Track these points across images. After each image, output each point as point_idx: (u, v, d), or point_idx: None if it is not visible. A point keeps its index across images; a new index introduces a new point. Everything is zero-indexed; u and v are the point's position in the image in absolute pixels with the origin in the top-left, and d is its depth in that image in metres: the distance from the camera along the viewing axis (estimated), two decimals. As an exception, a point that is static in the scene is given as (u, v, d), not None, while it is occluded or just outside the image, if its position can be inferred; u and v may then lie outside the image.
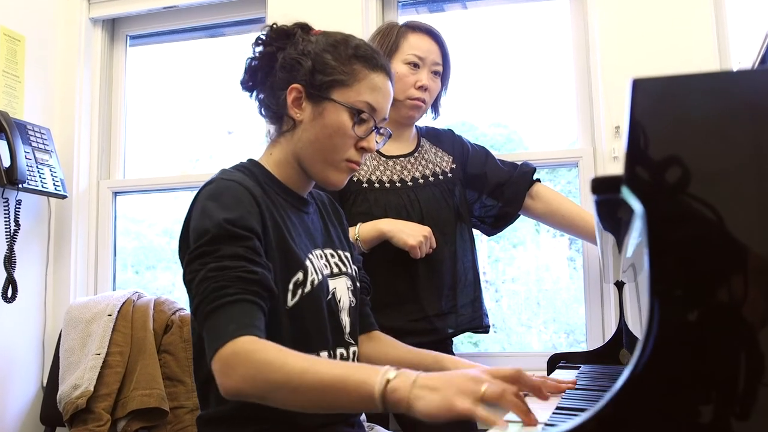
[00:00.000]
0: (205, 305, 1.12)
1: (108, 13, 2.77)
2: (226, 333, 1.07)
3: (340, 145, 1.33)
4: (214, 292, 1.12)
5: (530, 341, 2.65)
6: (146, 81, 2.95)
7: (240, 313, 1.10)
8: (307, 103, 1.33)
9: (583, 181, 2.26)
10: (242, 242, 1.17)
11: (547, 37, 2.58)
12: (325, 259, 1.39)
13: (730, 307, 0.68)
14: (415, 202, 1.90)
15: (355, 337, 1.42)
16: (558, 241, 2.68)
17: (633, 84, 0.71)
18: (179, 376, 2.21)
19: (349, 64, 1.33)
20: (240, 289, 1.12)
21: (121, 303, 2.29)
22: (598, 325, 2.22)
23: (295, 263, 1.28)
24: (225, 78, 2.89)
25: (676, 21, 2.14)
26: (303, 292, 1.28)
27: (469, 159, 2.07)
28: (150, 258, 3.06)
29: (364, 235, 1.79)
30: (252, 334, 1.08)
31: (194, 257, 1.17)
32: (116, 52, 2.87)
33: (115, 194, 2.77)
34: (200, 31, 2.92)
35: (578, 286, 2.58)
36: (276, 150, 1.39)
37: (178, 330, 2.26)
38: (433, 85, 1.96)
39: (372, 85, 1.34)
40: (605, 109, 2.18)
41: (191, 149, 2.99)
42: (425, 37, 1.96)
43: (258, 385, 1.05)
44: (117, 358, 2.19)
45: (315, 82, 1.32)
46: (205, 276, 1.13)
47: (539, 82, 2.60)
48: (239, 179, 1.27)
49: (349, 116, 1.32)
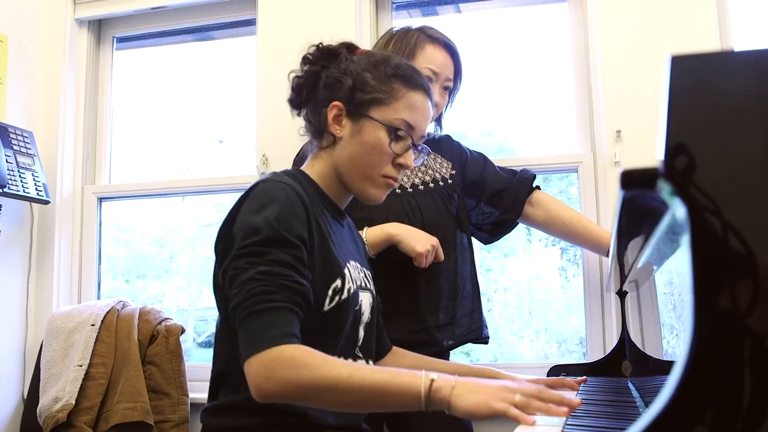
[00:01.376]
0: (249, 305, 1.14)
1: (94, 14, 2.71)
2: (268, 337, 1.11)
3: (378, 161, 1.37)
4: (262, 294, 1.14)
5: (522, 351, 2.62)
6: (134, 85, 2.90)
7: (283, 320, 1.14)
8: (347, 120, 1.38)
9: (582, 187, 2.22)
10: (292, 250, 1.20)
11: (543, 41, 2.54)
12: (358, 271, 1.42)
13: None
14: (416, 208, 1.86)
15: (366, 352, 1.44)
16: (550, 251, 2.65)
17: (671, 61, 0.63)
18: (164, 389, 2.14)
19: (388, 83, 1.38)
20: (286, 297, 1.15)
21: (104, 312, 2.22)
22: (599, 335, 2.16)
23: (336, 269, 1.31)
24: (215, 84, 2.83)
25: (679, 23, 2.12)
26: (340, 299, 1.30)
27: (467, 165, 2.02)
28: (140, 267, 3.01)
29: (371, 238, 1.75)
30: (292, 342, 1.12)
31: (243, 254, 1.19)
32: (102, 54, 2.81)
33: (100, 200, 2.70)
34: (189, 34, 2.87)
35: (570, 296, 2.58)
36: (318, 163, 1.43)
37: (163, 341, 2.20)
38: (442, 101, 1.92)
39: (410, 103, 1.38)
40: (606, 113, 2.14)
41: (181, 157, 2.93)
42: (442, 50, 1.91)
43: (302, 388, 1.09)
44: (100, 369, 2.13)
45: (355, 100, 1.37)
46: (254, 276, 1.16)
47: (534, 88, 2.56)
48: (291, 183, 1.29)
49: (386, 134, 1.36)
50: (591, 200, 2.20)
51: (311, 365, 1.10)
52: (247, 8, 2.58)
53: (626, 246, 1.21)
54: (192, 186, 2.65)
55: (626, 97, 2.11)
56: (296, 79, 1.45)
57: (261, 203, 1.23)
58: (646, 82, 2.09)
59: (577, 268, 2.60)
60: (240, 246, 1.20)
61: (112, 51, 2.82)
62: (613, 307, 2.10)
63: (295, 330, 1.15)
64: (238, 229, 1.23)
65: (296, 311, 1.16)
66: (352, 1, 2.40)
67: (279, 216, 1.21)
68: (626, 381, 1.81)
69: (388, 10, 2.53)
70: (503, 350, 2.59)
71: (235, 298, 1.17)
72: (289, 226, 1.21)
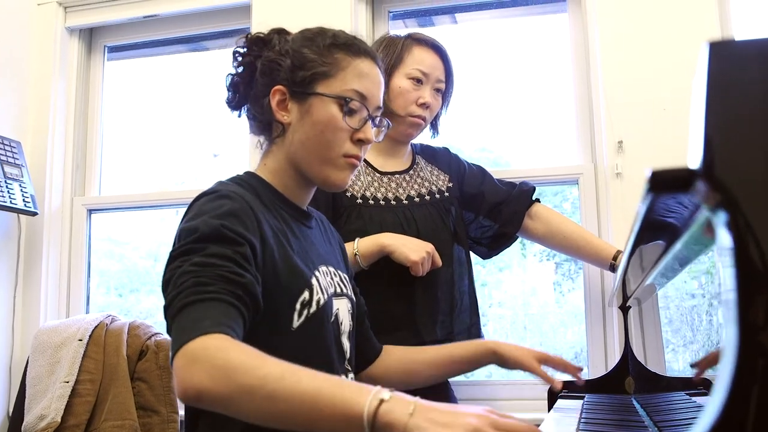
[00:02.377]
0: (179, 299, 0.99)
1: (85, 22, 2.67)
2: (197, 328, 0.94)
3: (334, 139, 1.24)
4: (193, 287, 1.00)
5: None
6: (127, 96, 2.85)
7: (217, 311, 0.98)
8: (292, 103, 1.26)
9: (583, 200, 2.18)
10: (233, 246, 1.06)
11: (539, 51, 2.51)
12: (330, 277, 1.30)
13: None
14: (411, 220, 1.81)
15: (353, 364, 1.34)
16: (544, 266, 2.63)
17: (709, 48, 0.56)
18: (154, 406, 2.08)
19: (329, 54, 1.26)
20: (222, 289, 1.00)
21: (93, 327, 2.16)
22: (600, 350, 2.11)
23: (301, 281, 1.19)
24: (209, 96, 2.77)
25: (682, 32, 2.08)
26: (309, 313, 1.19)
27: (465, 178, 1.98)
28: (134, 281, 2.97)
29: (363, 249, 1.69)
30: (227, 333, 0.95)
31: (177, 255, 1.06)
32: (93, 63, 2.76)
33: (89, 212, 2.65)
34: (182, 44, 2.82)
35: (565, 311, 2.56)
36: (270, 159, 1.31)
37: (153, 356, 2.14)
38: (435, 102, 1.87)
39: (357, 71, 1.27)
40: (607, 124, 2.10)
41: (175, 171, 2.87)
42: (430, 51, 1.87)
43: (224, 386, 0.89)
44: (87, 386, 2.07)
45: (297, 80, 1.25)
46: (186, 270, 1.02)
47: (531, 99, 2.53)
48: (239, 192, 1.16)
49: (337, 107, 1.24)
50: (592, 213, 2.16)
51: (239, 359, 0.90)
52: (241, 17, 2.54)
53: (641, 259, 1.16)
54: (183, 198, 2.59)
55: (628, 106, 2.08)
56: (230, 77, 1.32)
57: (201, 210, 1.11)
58: (648, 91, 2.06)
59: (572, 282, 2.59)
60: (174, 249, 1.08)
61: (104, 60, 2.77)
62: (615, 322, 2.05)
63: (231, 322, 0.98)
64: (175, 239, 1.11)
65: (235, 304, 1.00)
66: (347, 11, 2.37)
67: (217, 216, 1.08)
68: (630, 398, 1.76)
69: (385, 20, 2.50)
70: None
71: (167, 297, 1.03)
72: (228, 224, 1.07)
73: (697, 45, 1.97)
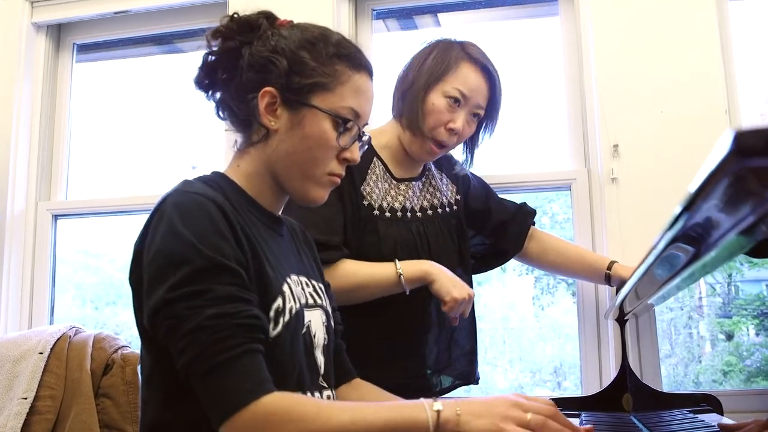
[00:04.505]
0: (206, 358, 0.96)
1: (53, 18, 2.56)
2: (243, 391, 0.95)
3: (322, 157, 1.17)
4: (217, 343, 0.96)
5: (496, 380, 2.57)
6: (98, 100, 2.73)
7: (251, 367, 0.98)
8: (282, 109, 1.16)
9: (576, 206, 2.10)
10: (233, 278, 1.02)
11: (529, 53, 2.43)
12: (301, 287, 1.21)
13: None
14: (424, 238, 1.73)
15: (329, 380, 1.24)
16: (524, 280, 2.61)
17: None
18: (119, 424, 1.95)
19: (330, 64, 1.17)
20: (246, 339, 0.99)
21: (55, 339, 2.03)
22: (594, 365, 2.01)
23: (273, 288, 1.11)
24: (184, 101, 2.65)
25: (678, 32, 2.03)
26: (284, 321, 1.11)
27: (470, 191, 1.91)
28: (110, 294, 2.90)
29: (408, 273, 1.60)
30: (271, 391, 0.97)
31: (178, 298, 0.99)
32: (62, 61, 2.65)
33: (55, 217, 2.53)
34: (155, 45, 2.71)
35: (544, 325, 2.59)
36: (245, 162, 1.21)
37: (119, 371, 2.01)
38: (467, 129, 1.74)
39: (356, 87, 1.19)
40: (601, 127, 2.02)
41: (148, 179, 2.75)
42: (479, 73, 1.72)
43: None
44: (47, 402, 1.95)
45: (292, 86, 1.15)
46: (201, 324, 0.97)
47: (519, 104, 2.43)
48: (209, 194, 1.08)
49: (332, 125, 1.16)
50: (585, 220, 2.07)
51: (307, 417, 0.95)
52: (216, 14, 2.38)
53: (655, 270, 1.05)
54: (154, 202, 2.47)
55: (624, 109, 2.00)
56: (208, 56, 1.21)
57: (177, 226, 1.03)
58: (645, 92, 2.00)
59: (551, 297, 2.60)
60: (171, 285, 0.99)
61: (72, 58, 2.66)
62: (610, 335, 1.96)
63: (267, 374, 0.99)
64: (154, 258, 1.03)
65: (260, 349, 1.00)
66: (329, 9, 2.28)
67: (201, 238, 1.01)
68: (629, 416, 1.66)
69: (368, 18, 2.41)
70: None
71: (184, 355, 0.97)
72: (218, 247, 1.01)
73: (694, 44, 1.92)
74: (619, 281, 1.81)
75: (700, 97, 1.96)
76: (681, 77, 1.99)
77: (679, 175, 1.89)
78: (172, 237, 1.02)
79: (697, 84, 1.97)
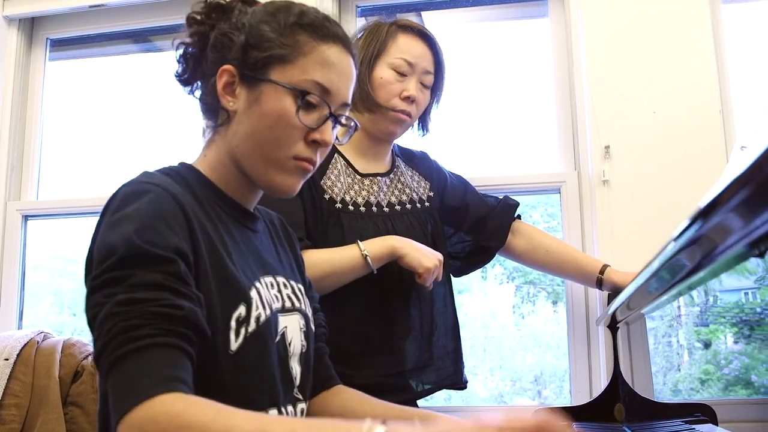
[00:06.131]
0: (110, 352, 0.83)
1: (25, 11, 2.48)
2: (138, 390, 0.80)
3: (283, 137, 1.06)
4: (123, 333, 0.83)
5: (477, 389, 2.55)
6: (73, 98, 2.65)
7: (157, 362, 0.83)
8: (241, 87, 1.07)
9: (566, 209, 2.05)
10: (163, 266, 0.89)
11: (518, 54, 2.39)
12: (277, 289, 1.11)
13: None
14: (392, 232, 1.65)
15: (304, 391, 1.14)
16: (504, 288, 2.61)
17: None
18: (88, 435, 1.87)
19: (290, 34, 1.06)
20: (158, 330, 0.84)
21: (21, 345, 1.95)
22: (584, 374, 1.95)
23: (236, 294, 1.00)
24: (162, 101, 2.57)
25: (671, 32, 2.00)
26: (246, 333, 1.00)
27: (447, 190, 1.85)
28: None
29: (373, 251, 1.53)
30: (175, 390, 0.81)
31: (98, 286, 0.89)
32: (34, 57, 2.57)
33: (25, 218, 2.45)
34: (132, 42, 2.63)
35: (525, 333, 2.58)
36: (211, 151, 1.12)
37: (89, 378, 1.93)
38: (422, 96, 1.70)
39: (322, 59, 1.06)
40: (593, 128, 1.97)
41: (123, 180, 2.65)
42: (417, 40, 1.70)
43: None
44: (12, 411, 1.86)
45: (249, 61, 1.06)
46: (111, 311, 0.85)
47: (507, 105, 2.39)
48: (164, 183, 0.99)
49: (291, 100, 1.05)
50: (575, 223, 2.02)
51: (198, 423, 0.77)
52: (196, 9, 2.35)
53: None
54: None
55: (615, 110, 1.96)
56: (182, 46, 1.13)
57: (119, 214, 0.93)
58: (636, 93, 1.96)
59: (531, 305, 2.59)
60: (93, 277, 0.90)
61: (46, 54, 2.58)
62: (601, 343, 1.90)
63: (178, 372, 0.83)
64: (95, 253, 0.93)
65: (176, 344, 0.85)
66: (313, 4, 2.20)
67: (141, 227, 0.90)
68: (622, 428, 1.60)
69: (353, 16, 2.36)
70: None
71: (95, 348, 0.86)
72: (155, 237, 0.90)
73: (686, 45, 1.87)
74: (612, 286, 1.75)
75: (694, 98, 1.92)
76: (674, 78, 1.95)
77: (673, 178, 1.84)
78: (111, 228, 0.92)
79: (690, 85, 1.93)
